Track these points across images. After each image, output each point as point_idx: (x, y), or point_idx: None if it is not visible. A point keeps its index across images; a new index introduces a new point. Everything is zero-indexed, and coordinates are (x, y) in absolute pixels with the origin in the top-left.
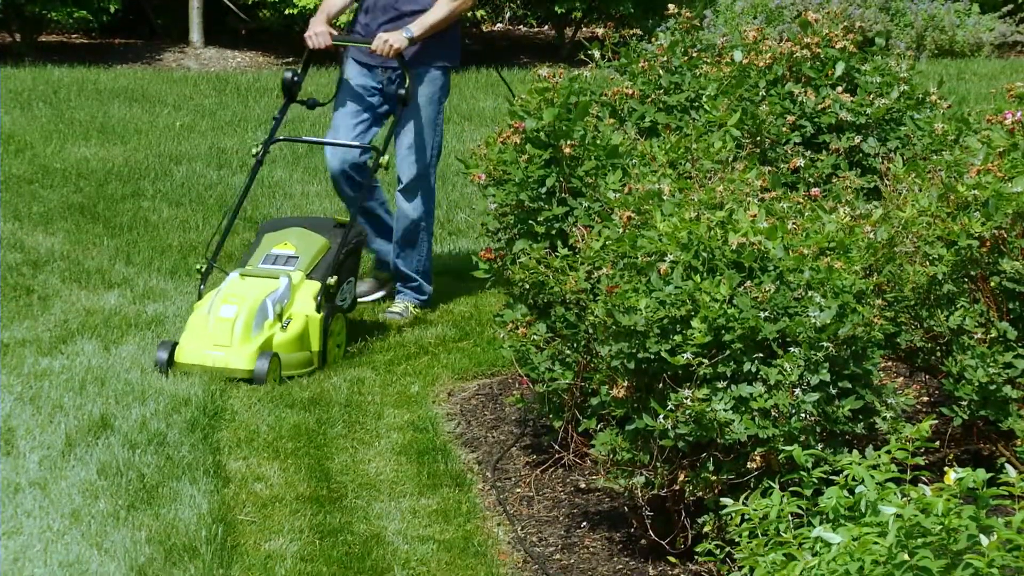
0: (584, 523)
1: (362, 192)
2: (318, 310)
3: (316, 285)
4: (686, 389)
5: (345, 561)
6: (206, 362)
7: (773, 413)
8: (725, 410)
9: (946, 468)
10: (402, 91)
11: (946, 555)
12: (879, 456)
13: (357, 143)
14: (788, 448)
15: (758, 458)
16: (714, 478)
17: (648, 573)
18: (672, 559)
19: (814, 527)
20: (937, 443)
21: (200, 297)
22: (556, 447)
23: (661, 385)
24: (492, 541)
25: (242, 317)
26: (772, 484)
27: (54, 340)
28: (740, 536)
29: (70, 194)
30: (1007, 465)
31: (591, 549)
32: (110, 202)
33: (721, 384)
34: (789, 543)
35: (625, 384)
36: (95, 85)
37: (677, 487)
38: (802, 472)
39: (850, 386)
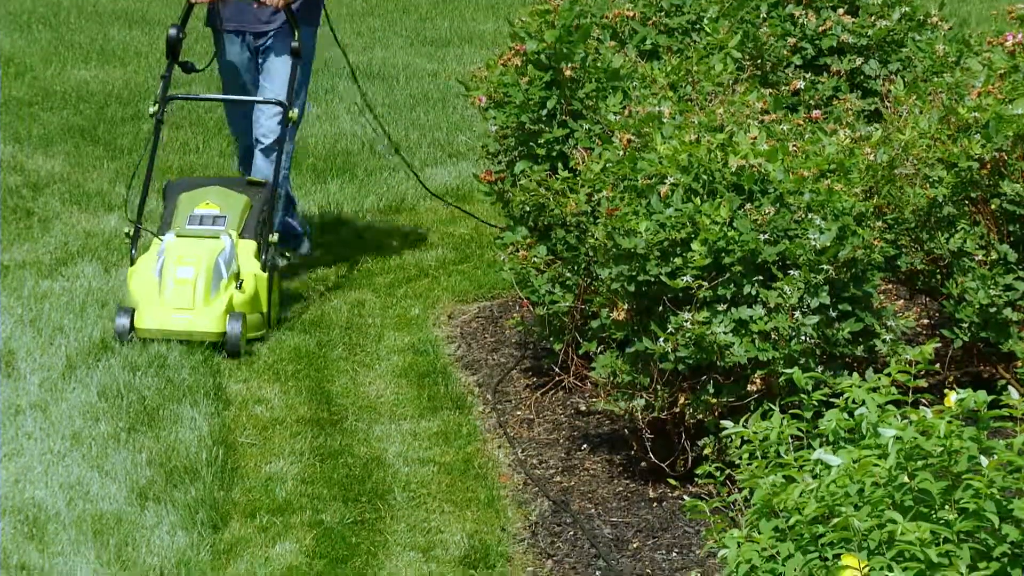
0: (584, 445)
1: (280, 154)
2: (263, 269)
3: (252, 244)
4: (686, 312)
5: (346, 483)
6: (171, 327)
7: (773, 336)
8: (725, 333)
9: (946, 390)
10: (295, 43)
11: (946, 477)
12: (879, 379)
13: (259, 99)
14: (788, 371)
15: (758, 381)
16: (714, 401)
17: (648, 495)
18: (672, 481)
19: (814, 449)
20: (937, 365)
21: (133, 262)
22: (556, 370)
23: (661, 308)
24: (492, 463)
25: (201, 278)
26: (772, 407)
27: (54, 262)
28: (740, 458)
29: (70, 116)
30: (1008, 387)
31: (591, 471)
32: (110, 124)
33: (721, 307)
34: (789, 465)
35: (625, 307)
36: (95, 7)
37: (677, 410)
38: (802, 395)
39: (850, 308)
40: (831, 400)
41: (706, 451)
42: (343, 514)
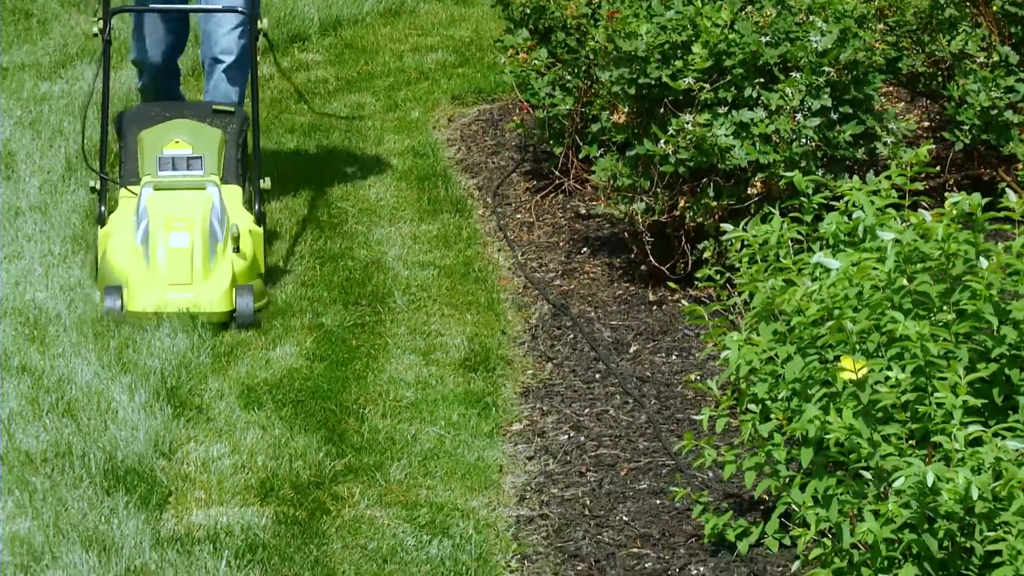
0: (584, 249)
1: (245, 75)
2: (258, 223)
3: (237, 190)
4: (687, 114)
5: (346, 286)
6: (170, 307)
7: (774, 138)
8: (726, 135)
9: (946, 194)
10: None
11: (945, 280)
12: (879, 181)
13: (216, 7)
14: (789, 174)
15: (759, 184)
16: (714, 204)
17: (648, 298)
18: (672, 284)
19: (814, 253)
20: (938, 168)
21: (103, 223)
22: (556, 173)
23: (662, 111)
24: (492, 266)
25: (199, 245)
26: (772, 210)
27: (53, 64)
28: (740, 262)
29: None
30: (1007, 190)
31: (591, 275)
32: None
33: (722, 109)
34: (789, 269)
35: (626, 110)
36: None
37: (677, 213)
38: (802, 198)
39: (851, 111)
40: (831, 203)
41: (706, 254)
42: (343, 317)
